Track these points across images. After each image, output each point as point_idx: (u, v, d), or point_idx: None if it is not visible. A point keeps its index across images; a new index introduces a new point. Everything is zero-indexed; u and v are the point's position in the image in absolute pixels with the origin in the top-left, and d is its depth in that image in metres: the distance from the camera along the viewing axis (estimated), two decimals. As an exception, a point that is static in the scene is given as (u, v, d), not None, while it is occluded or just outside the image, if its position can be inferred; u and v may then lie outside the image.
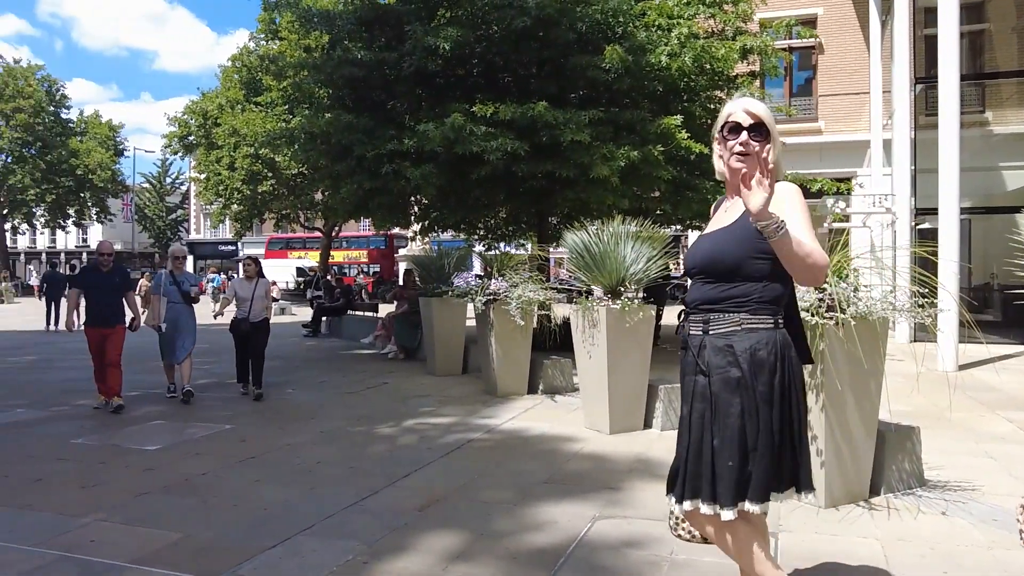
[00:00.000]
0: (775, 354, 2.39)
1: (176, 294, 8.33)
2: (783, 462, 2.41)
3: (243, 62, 27.63)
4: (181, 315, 8.34)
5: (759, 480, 2.37)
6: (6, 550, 3.82)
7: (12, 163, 44.58)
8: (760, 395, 2.37)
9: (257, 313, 8.57)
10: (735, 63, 10.67)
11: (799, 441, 2.44)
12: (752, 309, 2.39)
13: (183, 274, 8.64)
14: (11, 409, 7.91)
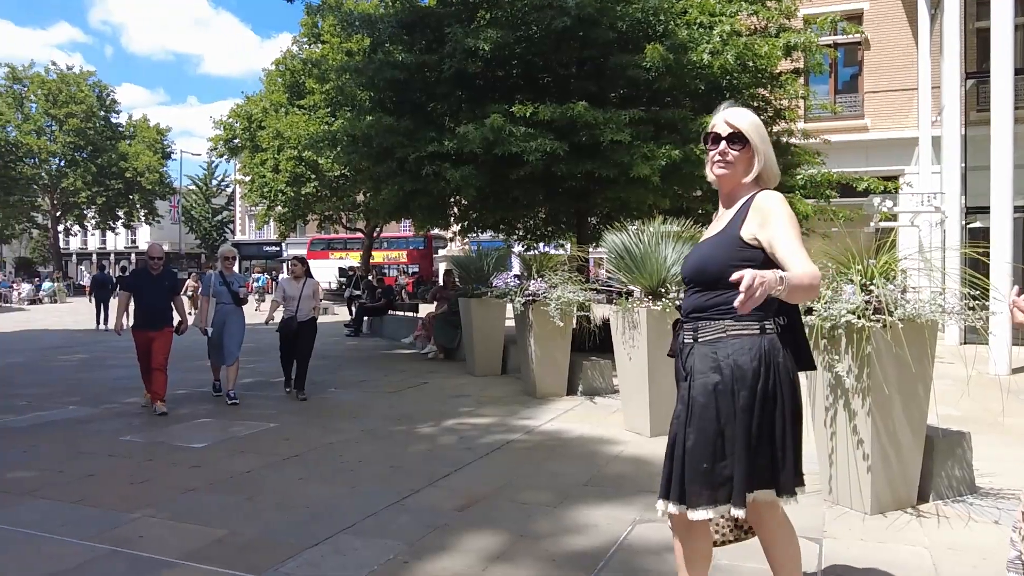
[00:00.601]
0: (759, 359, 2.42)
1: (226, 295, 8.30)
2: (758, 466, 2.43)
3: (286, 66, 28.03)
4: (231, 316, 8.30)
5: (737, 484, 2.40)
6: (61, 543, 3.94)
7: (65, 167, 45.98)
8: (740, 400, 2.39)
9: (305, 312, 8.49)
10: (778, 60, 10.50)
11: (782, 446, 2.45)
12: (736, 316, 2.38)
13: (233, 275, 8.59)
14: (64, 406, 8.15)
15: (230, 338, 8.21)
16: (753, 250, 2.45)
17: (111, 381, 9.83)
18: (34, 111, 45.93)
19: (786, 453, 2.47)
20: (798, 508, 4.33)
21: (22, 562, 3.70)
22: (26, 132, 44.49)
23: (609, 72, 10.09)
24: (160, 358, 7.63)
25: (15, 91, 45.66)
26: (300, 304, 8.46)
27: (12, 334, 18.36)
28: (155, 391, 7.58)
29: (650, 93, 10.34)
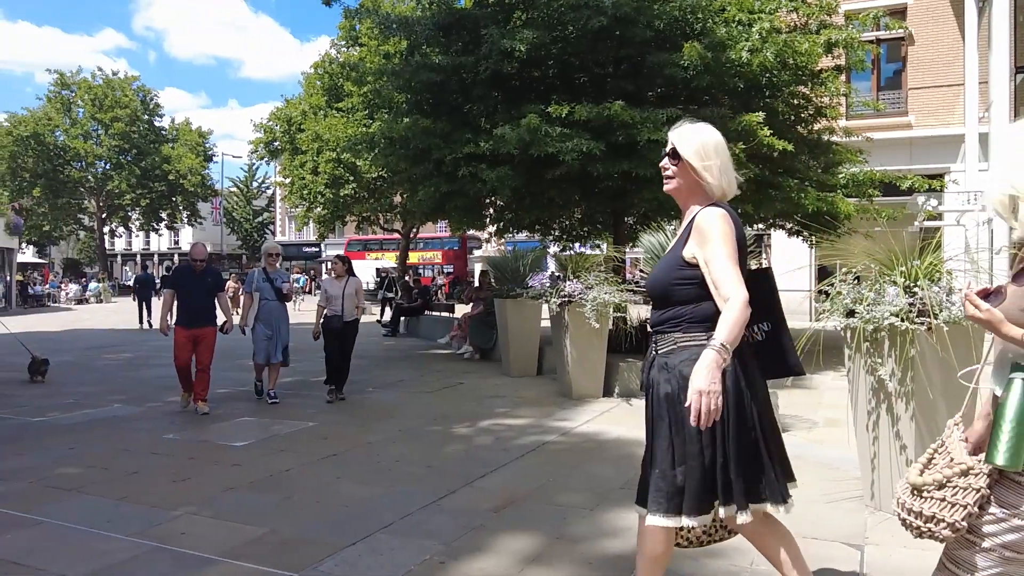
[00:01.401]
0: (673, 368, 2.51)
1: (270, 291, 8.23)
2: (714, 477, 2.46)
3: (325, 69, 28.34)
4: (275, 313, 8.24)
5: (690, 494, 2.46)
6: (107, 539, 4.03)
7: (110, 170, 47.11)
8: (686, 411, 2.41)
9: (349, 311, 8.38)
10: (819, 57, 10.32)
11: (736, 457, 2.46)
12: (684, 328, 2.53)
13: (276, 272, 8.49)
14: (109, 404, 8.34)
15: (277, 336, 8.16)
16: (693, 269, 2.54)
17: (154, 380, 10.04)
18: (81, 116, 47.12)
19: (741, 464, 2.47)
20: (839, 513, 4.28)
21: (71, 556, 3.79)
22: (74, 136, 45.67)
23: (646, 71, 10.01)
24: (205, 359, 7.62)
25: (63, 97, 46.90)
26: (344, 303, 8.33)
27: (60, 333, 18.85)
28: (197, 391, 7.59)
29: (688, 92, 10.24)
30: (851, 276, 4.39)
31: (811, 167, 11.35)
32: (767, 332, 2.71)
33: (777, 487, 2.56)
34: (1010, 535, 1.92)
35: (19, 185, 44.29)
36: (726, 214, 2.54)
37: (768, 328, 2.71)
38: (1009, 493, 1.92)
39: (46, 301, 35.99)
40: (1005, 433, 1.85)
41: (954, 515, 1.98)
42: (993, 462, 1.87)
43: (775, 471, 2.56)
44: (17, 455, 6.02)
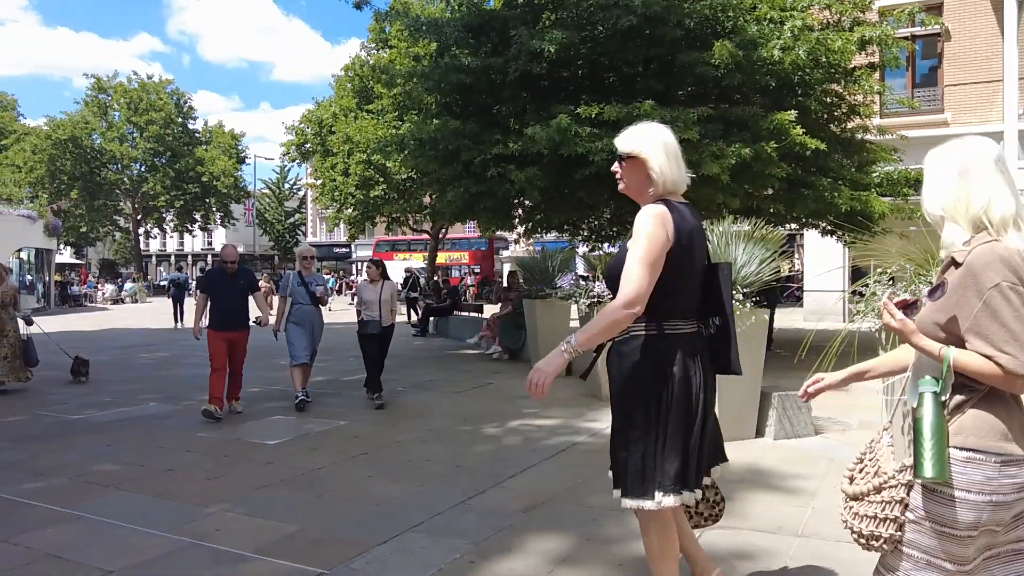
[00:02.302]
0: (652, 359, 2.65)
1: (304, 295, 8.03)
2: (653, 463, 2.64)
3: (355, 71, 28.57)
4: (309, 317, 8.05)
5: (631, 477, 2.66)
6: (144, 535, 4.11)
7: (145, 172, 47.91)
8: (633, 397, 2.66)
9: (386, 316, 8.20)
10: (852, 55, 10.18)
11: (660, 445, 2.63)
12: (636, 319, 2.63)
13: (311, 275, 8.29)
14: (145, 403, 8.49)
15: (310, 339, 8.03)
16: None
17: (188, 379, 10.19)
18: (117, 119, 48.02)
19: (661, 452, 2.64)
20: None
21: (109, 551, 3.87)
22: (110, 139, 46.58)
23: (676, 70, 9.95)
24: (238, 362, 7.66)
25: (100, 100, 47.85)
26: (381, 308, 8.16)
27: (97, 333, 19.22)
28: (230, 391, 7.61)
29: (719, 90, 10.16)
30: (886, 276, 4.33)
31: (844, 166, 11.20)
32: (717, 327, 2.79)
33: (695, 478, 2.68)
34: (922, 538, 1.98)
35: (57, 187, 45.22)
36: (659, 213, 2.60)
37: (719, 323, 2.79)
38: (922, 499, 1.98)
39: (83, 301, 36.74)
40: (927, 447, 1.90)
41: (888, 529, 2.04)
42: (922, 476, 1.91)
43: (700, 462, 2.72)
44: (57, 452, 6.16)
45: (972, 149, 2.02)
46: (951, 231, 2.01)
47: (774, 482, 5.02)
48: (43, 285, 30.87)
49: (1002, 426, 1.91)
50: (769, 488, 4.88)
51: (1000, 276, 1.86)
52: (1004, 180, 1.97)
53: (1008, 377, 1.84)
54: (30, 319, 9.90)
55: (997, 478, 1.89)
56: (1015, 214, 1.94)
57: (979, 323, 1.88)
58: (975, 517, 1.89)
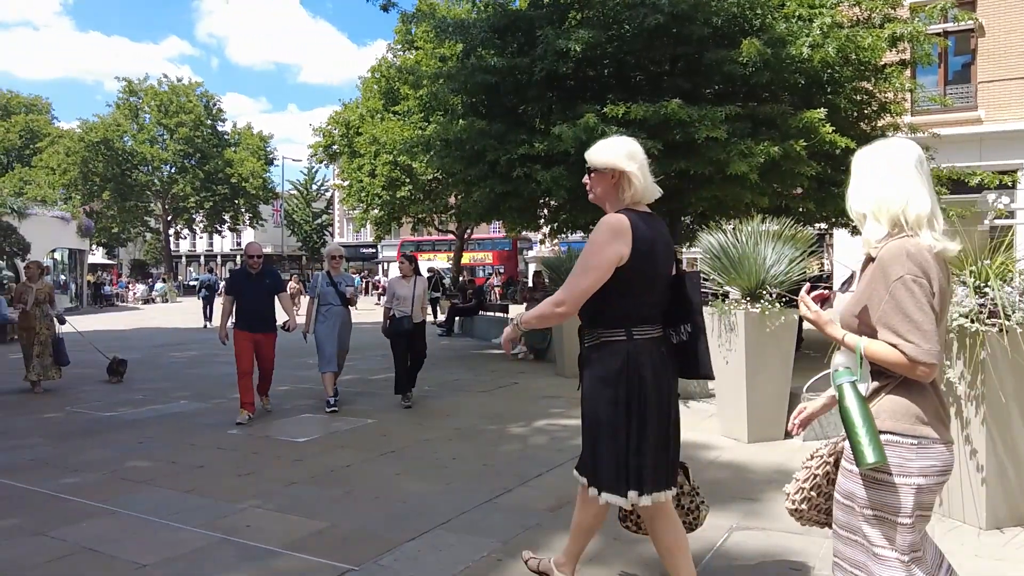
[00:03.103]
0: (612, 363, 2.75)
1: (333, 295, 7.88)
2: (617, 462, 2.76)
3: (382, 73, 28.70)
4: (338, 319, 7.88)
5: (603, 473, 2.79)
6: (176, 530, 4.17)
7: (175, 173, 48.53)
8: (603, 397, 2.77)
9: (417, 313, 8.07)
10: (883, 52, 10.05)
11: (631, 445, 2.73)
12: (603, 324, 2.81)
13: (340, 275, 8.13)
14: (176, 400, 8.62)
15: (340, 342, 7.90)
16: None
17: (218, 377, 10.32)
18: (148, 121, 48.68)
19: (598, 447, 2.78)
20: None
21: (143, 545, 3.94)
22: (141, 141, 47.25)
23: (703, 68, 9.90)
24: (267, 364, 7.55)
25: (131, 103, 48.55)
26: (413, 304, 8.01)
27: (129, 332, 19.52)
28: (260, 389, 7.57)
29: (747, 88, 10.09)
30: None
31: (875, 165, 11.07)
32: (689, 334, 2.87)
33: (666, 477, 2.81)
34: (876, 529, 2.05)
35: (90, 189, 45.97)
36: (616, 222, 2.72)
37: (690, 330, 2.87)
38: (849, 483, 2.09)
39: (115, 301, 37.36)
40: (861, 435, 1.98)
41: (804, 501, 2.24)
42: (864, 465, 1.97)
43: (672, 462, 2.86)
44: (91, 448, 6.27)
45: (895, 152, 2.13)
46: (871, 228, 2.14)
47: (803, 483, 4.96)
48: (76, 285, 31.43)
49: (917, 410, 2.02)
50: (798, 489, 4.83)
51: (904, 269, 1.99)
52: (923, 182, 2.09)
53: (911, 364, 1.96)
54: (63, 318, 10.01)
55: (916, 460, 2.00)
56: (930, 213, 2.06)
57: (886, 314, 2.01)
58: (899, 499, 1.99)
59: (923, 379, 2.01)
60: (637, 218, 2.75)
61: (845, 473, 2.11)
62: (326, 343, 7.80)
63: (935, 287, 2.00)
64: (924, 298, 1.97)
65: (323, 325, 7.84)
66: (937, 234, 2.05)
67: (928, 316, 1.97)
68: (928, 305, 1.98)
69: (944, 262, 2.08)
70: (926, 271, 1.99)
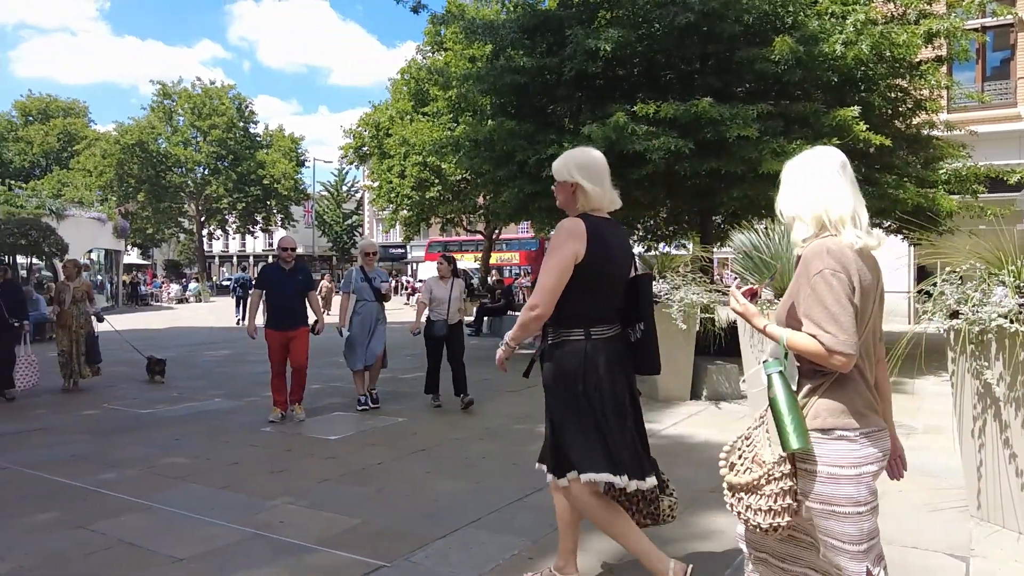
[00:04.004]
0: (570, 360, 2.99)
1: (368, 291, 7.81)
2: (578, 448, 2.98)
3: (411, 74, 28.88)
4: (373, 314, 7.84)
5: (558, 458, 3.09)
6: (211, 525, 4.24)
7: (208, 175, 49.24)
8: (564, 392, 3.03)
9: (454, 315, 7.94)
10: (918, 49, 9.88)
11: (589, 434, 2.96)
12: (564, 324, 3.03)
13: (374, 271, 8.04)
14: (210, 398, 8.75)
15: (375, 338, 7.83)
16: None
17: (251, 376, 10.46)
18: (181, 124, 49.45)
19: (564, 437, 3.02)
20: (942, 523, 4.10)
21: (179, 540, 4.01)
22: (175, 143, 48.01)
23: (735, 66, 9.81)
24: (300, 359, 7.32)
25: (165, 106, 49.34)
26: (451, 306, 7.87)
27: (163, 331, 19.85)
28: (293, 392, 7.36)
29: (779, 86, 9.98)
30: (955, 275, 4.20)
31: (910, 163, 10.88)
32: (642, 331, 3.08)
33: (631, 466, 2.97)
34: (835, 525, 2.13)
35: (125, 190, 46.78)
36: (570, 225, 2.95)
37: (643, 328, 3.08)
38: (814, 485, 2.15)
39: (149, 300, 38.00)
40: (787, 421, 2.11)
41: (784, 518, 2.20)
42: (788, 449, 2.11)
43: (638, 452, 3.03)
44: (128, 444, 6.40)
45: (819, 159, 2.30)
46: (798, 229, 2.29)
47: (837, 485, 4.90)
48: (112, 285, 32.02)
49: (852, 405, 2.14)
50: (832, 491, 4.78)
51: (824, 264, 2.12)
52: (845, 185, 2.24)
53: (828, 354, 2.07)
54: (101, 316, 10.07)
55: (860, 450, 2.12)
56: (852, 213, 2.20)
57: (807, 306, 2.14)
58: (855, 491, 2.10)
59: (840, 369, 2.10)
60: (593, 223, 2.98)
61: (802, 474, 2.18)
62: (358, 340, 7.78)
63: (855, 281, 2.12)
64: (842, 291, 2.09)
65: (356, 321, 7.80)
66: (860, 232, 2.18)
67: (846, 308, 2.08)
68: (846, 298, 2.09)
69: (869, 257, 2.21)
70: (845, 266, 2.11)
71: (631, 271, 3.15)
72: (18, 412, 8.06)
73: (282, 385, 7.35)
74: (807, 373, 2.21)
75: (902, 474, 2.45)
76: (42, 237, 20.24)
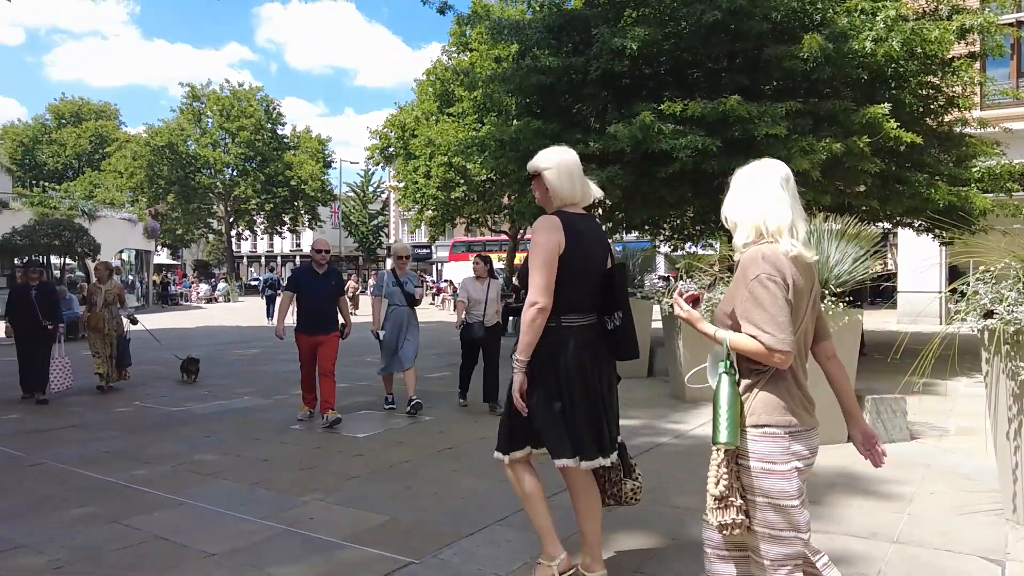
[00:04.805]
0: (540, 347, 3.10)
1: (399, 295, 7.68)
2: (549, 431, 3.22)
3: (436, 75, 28.99)
4: (405, 319, 7.71)
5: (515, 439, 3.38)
6: (243, 521, 4.30)
7: (237, 176, 49.78)
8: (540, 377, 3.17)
9: (491, 317, 7.82)
10: (951, 45, 9.73)
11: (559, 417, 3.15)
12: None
13: (407, 274, 7.91)
14: (240, 396, 8.86)
15: (407, 343, 7.69)
16: None
17: (280, 374, 10.57)
18: (210, 126, 50.06)
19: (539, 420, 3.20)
20: (976, 526, 4.04)
21: (211, 535, 4.07)
22: (204, 145, 48.62)
23: (763, 64, 9.74)
24: (327, 363, 7.17)
25: (194, 108, 49.98)
26: (487, 307, 7.78)
27: (193, 330, 20.11)
28: (324, 399, 7.14)
29: (807, 84, 9.88)
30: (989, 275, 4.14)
31: (942, 161, 10.72)
32: (620, 319, 3.22)
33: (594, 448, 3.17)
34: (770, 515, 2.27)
35: (155, 192, 47.49)
36: (549, 224, 3.09)
37: (621, 316, 3.22)
38: (752, 479, 2.30)
39: (179, 300, 38.53)
40: (722, 418, 2.28)
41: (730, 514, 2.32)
42: (717, 442, 2.29)
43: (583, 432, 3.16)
44: (161, 441, 6.50)
45: (763, 170, 2.44)
46: (739, 235, 2.43)
47: (867, 487, 4.86)
48: (142, 284, 32.51)
49: (785, 403, 2.29)
50: (862, 493, 4.74)
51: (760, 270, 2.26)
52: (785, 198, 2.37)
53: (769, 353, 2.21)
54: (134, 318, 10.08)
55: (792, 446, 2.26)
56: (790, 225, 2.33)
57: (747, 309, 2.28)
58: (787, 485, 2.23)
59: (780, 366, 2.25)
60: (569, 218, 3.13)
61: (742, 470, 2.33)
62: (388, 345, 7.71)
63: (789, 282, 2.26)
64: (779, 293, 2.24)
65: (388, 326, 7.72)
66: (796, 241, 2.33)
67: (783, 309, 2.23)
68: (783, 300, 2.24)
69: (804, 264, 2.35)
70: (780, 270, 2.26)
71: (607, 263, 3.28)
72: (52, 409, 8.22)
73: (311, 384, 7.35)
74: (745, 371, 2.35)
75: (882, 461, 2.57)
76: (75, 237, 20.61)
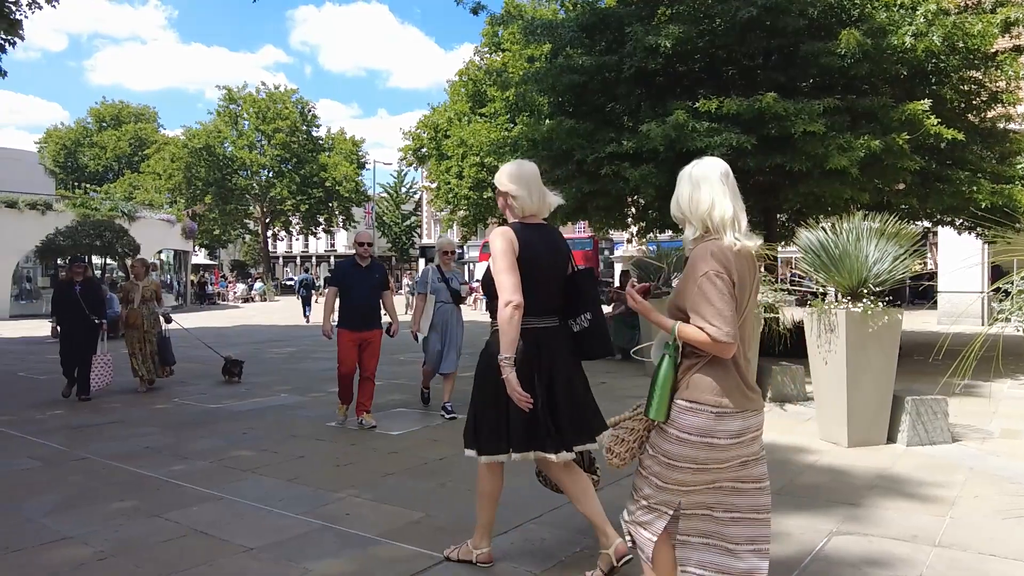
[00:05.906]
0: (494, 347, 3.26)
1: (445, 292, 7.35)
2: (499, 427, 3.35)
3: (469, 76, 29.11)
4: (450, 317, 7.40)
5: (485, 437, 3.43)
6: (280, 516, 4.35)
7: (273, 177, 50.45)
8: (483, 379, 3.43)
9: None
10: (994, 39, 9.51)
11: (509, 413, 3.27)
12: (492, 316, 3.36)
13: (452, 271, 7.53)
14: (276, 394, 8.97)
15: (450, 342, 7.39)
16: None
17: (316, 372, 10.69)
18: (247, 128, 50.81)
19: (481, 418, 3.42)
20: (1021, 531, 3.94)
21: (250, 530, 4.13)
22: (240, 147, 49.39)
23: (799, 61, 9.62)
24: (370, 366, 6.95)
25: (231, 111, 50.78)
26: None
27: (230, 328, 20.41)
28: (361, 401, 6.94)
29: (845, 80, 9.73)
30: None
31: (984, 158, 10.48)
32: (589, 320, 3.44)
33: (552, 441, 3.33)
34: (656, 467, 2.62)
35: (193, 193, 48.33)
36: (504, 232, 3.28)
37: (590, 317, 3.44)
38: (657, 438, 2.62)
39: (216, 299, 39.15)
40: (656, 395, 2.55)
41: (620, 448, 2.77)
42: (647, 416, 2.60)
43: (552, 427, 3.32)
44: (199, 438, 6.61)
45: (704, 167, 2.63)
46: (688, 230, 2.62)
47: (908, 489, 4.78)
48: (180, 284, 33.09)
49: (718, 385, 2.49)
50: (903, 495, 4.65)
51: (708, 266, 2.45)
52: (726, 191, 2.57)
53: (715, 344, 2.42)
54: (169, 316, 9.90)
55: (713, 426, 2.48)
56: (732, 217, 2.54)
57: (695, 303, 2.48)
58: (693, 453, 2.51)
59: (724, 355, 2.47)
60: (523, 228, 3.33)
61: (659, 433, 2.60)
62: (433, 344, 7.44)
63: (735, 279, 2.47)
64: (726, 289, 2.44)
65: (433, 324, 7.41)
66: (739, 234, 2.53)
67: (728, 304, 2.43)
68: (728, 295, 2.44)
69: (747, 255, 2.55)
70: (727, 267, 2.46)
71: (567, 269, 3.48)
72: (93, 405, 8.39)
73: (349, 384, 7.02)
74: (688, 353, 2.57)
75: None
76: (115, 238, 21.02)
